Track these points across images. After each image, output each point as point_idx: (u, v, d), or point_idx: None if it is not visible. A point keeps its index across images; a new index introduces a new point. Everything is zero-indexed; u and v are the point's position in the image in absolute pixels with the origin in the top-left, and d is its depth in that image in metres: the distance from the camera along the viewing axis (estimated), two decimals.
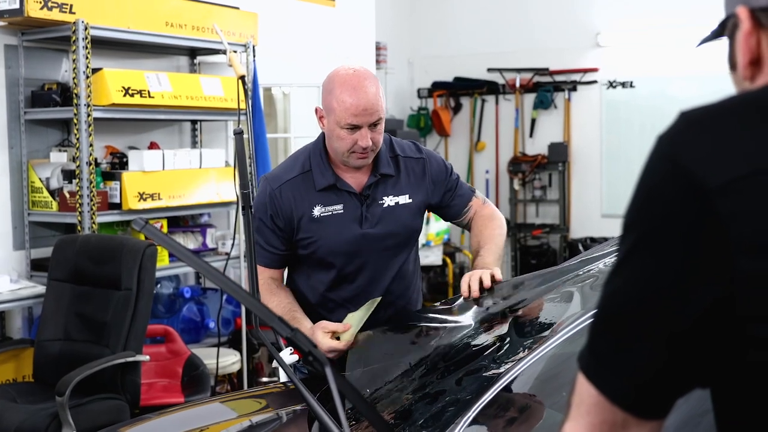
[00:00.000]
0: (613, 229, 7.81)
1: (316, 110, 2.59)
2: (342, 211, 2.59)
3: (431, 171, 2.69)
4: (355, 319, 2.46)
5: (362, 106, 2.44)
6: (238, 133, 2.16)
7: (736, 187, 0.86)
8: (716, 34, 1.09)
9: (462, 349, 2.13)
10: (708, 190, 0.87)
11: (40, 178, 4.56)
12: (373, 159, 2.59)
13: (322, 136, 2.63)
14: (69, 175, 4.49)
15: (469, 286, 2.44)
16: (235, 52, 4.82)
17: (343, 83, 2.47)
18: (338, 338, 2.45)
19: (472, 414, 1.65)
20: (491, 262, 2.56)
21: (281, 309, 2.55)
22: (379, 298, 2.52)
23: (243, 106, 4.43)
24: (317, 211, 2.57)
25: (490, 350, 2.03)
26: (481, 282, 2.44)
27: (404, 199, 2.65)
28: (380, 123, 2.51)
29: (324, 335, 2.43)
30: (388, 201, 2.62)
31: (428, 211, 2.83)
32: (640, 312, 0.92)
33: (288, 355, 2.63)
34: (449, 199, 2.74)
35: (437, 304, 2.76)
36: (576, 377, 0.99)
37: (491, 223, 2.71)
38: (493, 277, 2.45)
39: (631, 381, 0.93)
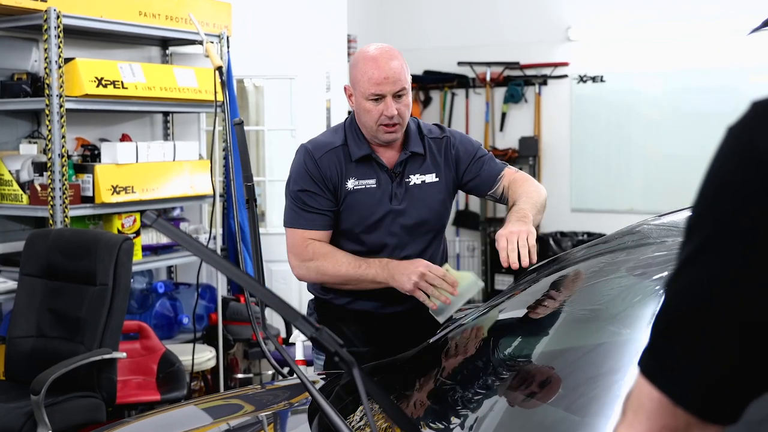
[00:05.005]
0: (582, 223, 7.83)
1: (345, 89, 2.68)
2: (375, 186, 2.63)
3: (456, 147, 2.72)
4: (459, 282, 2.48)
5: (384, 74, 2.51)
6: (239, 124, 2.08)
7: None
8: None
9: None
10: None
11: (9, 171, 4.44)
12: (404, 138, 2.65)
13: (353, 115, 2.69)
14: (40, 168, 4.38)
15: (509, 255, 2.34)
16: (212, 42, 4.73)
17: (367, 57, 2.57)
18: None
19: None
20: (527, 209, 2.49)
21: (353, 263, 2.56)
22: (481, 284, 2.50)
23: (220, 97, 4.37)
24: (351, 183, 2.61)
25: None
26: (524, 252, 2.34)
27: (431, 178, 2.69)
28: (405, 94, 2.57)
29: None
30: (414, 179, 2.67)
31: (462, 191, 2.84)
32: (711, 312, 0.88)
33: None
34: (478, 168, 2.73)
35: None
36: (635, 381, 0.95)
37: (526, 183, 2.69)
38: (529, 251, 2.34)
39: (700, 382, 0.89)
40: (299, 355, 3.16)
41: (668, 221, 2.29)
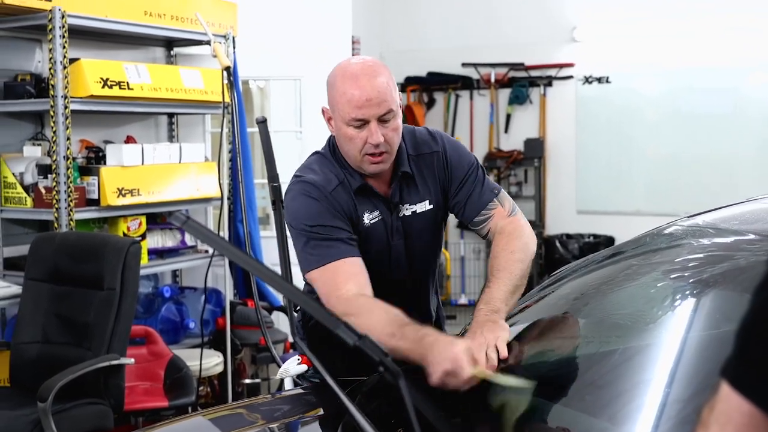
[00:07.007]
0: (588, 226, 7.76)
1: (323, 111, 2.35)
2: (380, 218, 2.32)
3: (450, 165, 2.39)
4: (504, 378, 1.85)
5: (366, 95, 2.17)
6: (262, 122, 1.99)
7: None
8: None
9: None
10: None
11: (13, 173, 4.36)
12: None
13: (329, 144, 2.39)
14: (44, 170, 4.30)
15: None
16: (220, 43, 4.66)
17: (346, 74, 2.22)
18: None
19: None
20: (499, 298, 2.07)
21: (387, 330, 1.97)
22: (533, 384, 1.82)
23: (228, 99, 4.31)
24: (366, 217, 2.30)
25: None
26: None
27: (423, 207, 2.38)
28: (392, 117, 2.22)
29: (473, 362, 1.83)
30: (404, 210, 2.36)
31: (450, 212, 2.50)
32: None
33: (295, 365, 2.47)
34: (467, 193, 2.38)
35: None
36: (720, 392, 0.88)
37: (511, 243, 2.25)
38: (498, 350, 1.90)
39: None
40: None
41: (702, 222, 2.22)
